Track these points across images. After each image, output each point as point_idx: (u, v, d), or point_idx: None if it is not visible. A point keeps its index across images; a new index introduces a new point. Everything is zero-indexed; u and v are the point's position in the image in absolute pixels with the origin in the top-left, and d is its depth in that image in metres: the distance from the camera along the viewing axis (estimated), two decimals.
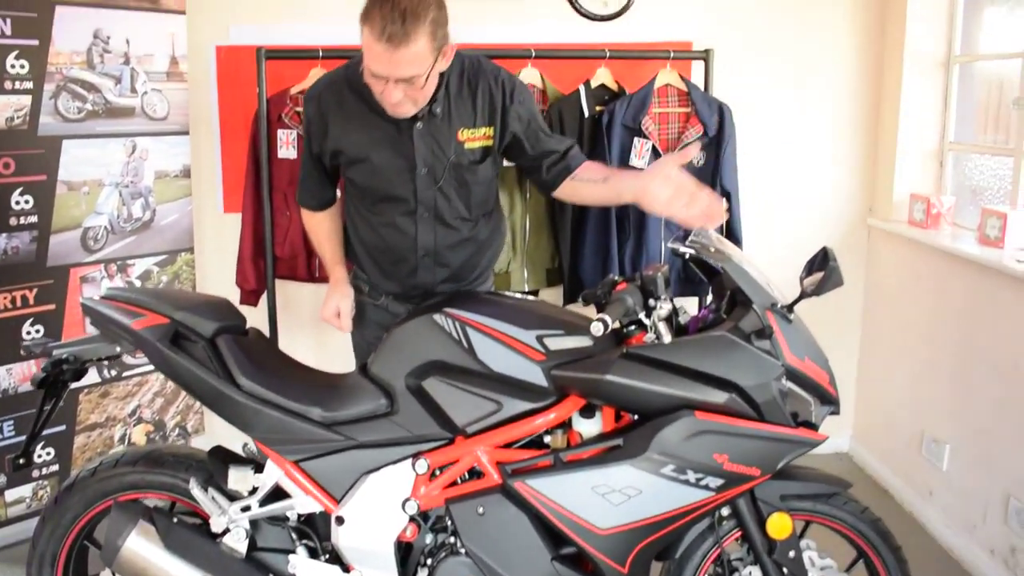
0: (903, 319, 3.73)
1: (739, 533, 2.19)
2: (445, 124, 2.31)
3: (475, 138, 2.33)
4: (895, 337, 3.80)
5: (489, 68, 2.36)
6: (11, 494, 3.27)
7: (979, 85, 3.73)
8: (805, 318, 2.16)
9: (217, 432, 3.44)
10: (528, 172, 2.53)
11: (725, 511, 2.17)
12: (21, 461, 2.34)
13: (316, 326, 3.90)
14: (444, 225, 2.38)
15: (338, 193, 2.62)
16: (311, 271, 3.60)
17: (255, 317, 3.02)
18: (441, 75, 2.25)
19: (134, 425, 3.56)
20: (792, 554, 2.15)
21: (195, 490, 2.17)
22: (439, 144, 2.30)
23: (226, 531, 2.16)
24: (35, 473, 3.32)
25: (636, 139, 3.45)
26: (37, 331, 3.25)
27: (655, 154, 3.46)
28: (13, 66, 3.11)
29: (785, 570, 2.16)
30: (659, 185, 2.11)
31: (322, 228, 2.64)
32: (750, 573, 2.21)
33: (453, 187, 2.35)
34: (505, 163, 2.58)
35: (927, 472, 3.51)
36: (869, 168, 4.00)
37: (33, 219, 3.22)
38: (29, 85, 3.15)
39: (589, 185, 2.40)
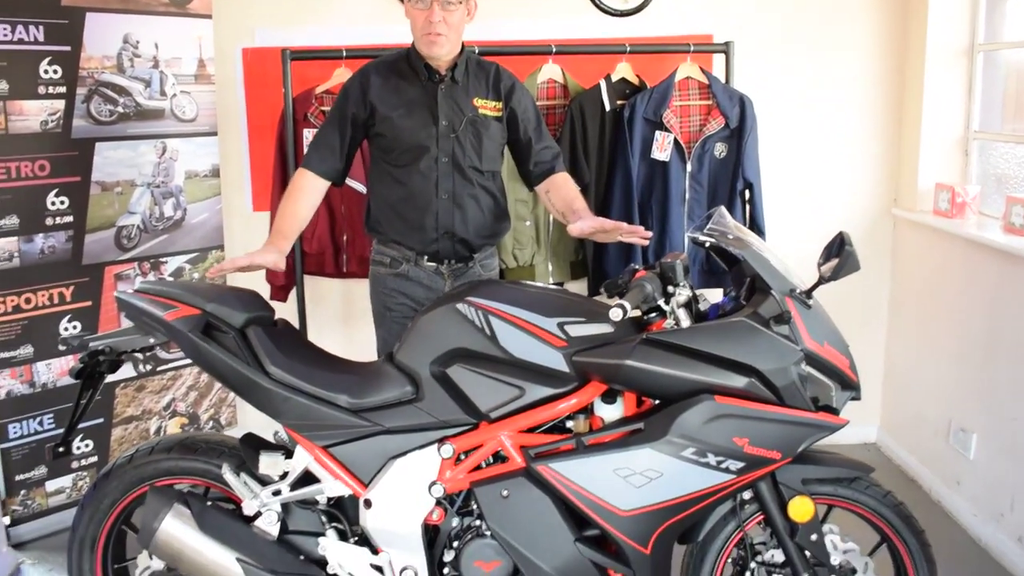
0: (929, 309, 3.72)
1: (761, 517, 2.22)
2: (463, 91, 2.77)
3: (487, 107, 2.80)
4: (921, 327, 3.80)
5: (498, 65, 2.89)
6: (52, 484, 3.36)
7: (1003, 73, 3.71)
8: (831, 310, 2.18)
9: (250, 425, 3.50)
10: (519, 161, 2.92)
11: (747, 495, 2.20)
12: (60, 450, 2.41)
13: (345, 321, 3.97)
14: (461, 174, 2.76)
15: (327, 186, 2.79)
16: (339, 266, 3.67)
17: (284, 312, 3.07)
18: (462, 54, 2.77)
19: (169, 418, 3.65)
20: (814, 537, 2.17)
21: (228, 475, 2.23)
22: (458, 105, 2.76)
23: (258, 515, 2.21)
24: (74, 464, 3.41)
25: (658, 132, 3.48)
26: (74, 327, 3.34)
27: (677, 147, 3.49)
28: (46, 71, 3.20)
29: (807, 553, 2.18)
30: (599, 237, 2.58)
31: (304, 201, 2.73)
32: (772, 556, 2.24)
33: (469, 138, 2.76)
34: None
35: (954, 461, 3.51)
36: (893, 158, 4.00)
37: (68, 219, 3.31)
38: (62, 89, 3.25)
39: (560, 201, 2.80)
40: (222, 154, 3.78)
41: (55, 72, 3.22)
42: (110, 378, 3.25)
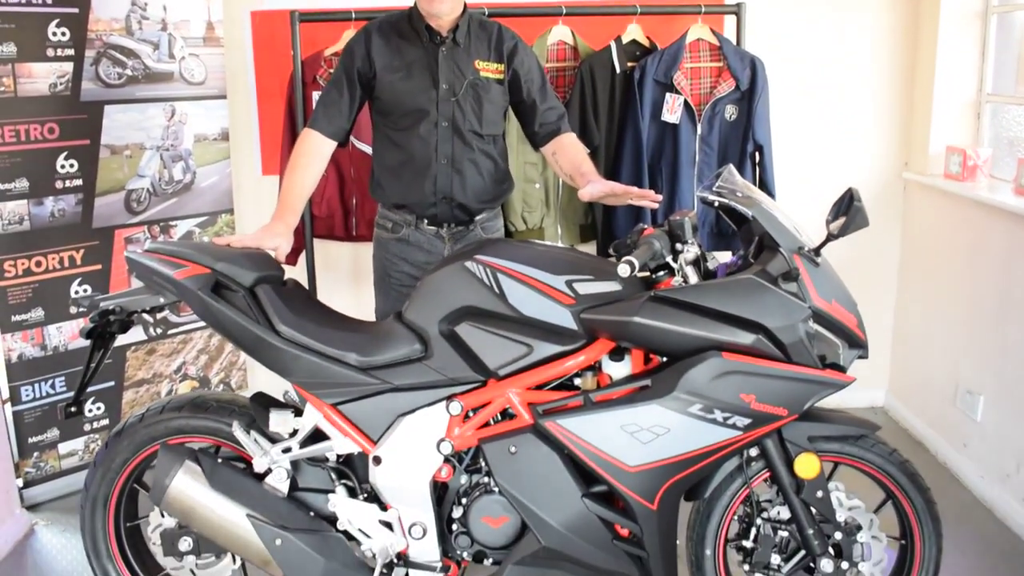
0: (939, 273, 3.71)
1: (767, 474, 2.23)
2: (465, 54, 2.74)
3: (489, 69, 2.76)
4: (931, 291, 3.79)
5: (501, 25, 2.85)
6: (64, 447, 3.40)
7: (1018, 36, 3.67)
8: (841, 274, 2.18)
9: (260, 388, 3.52)
10: (524, 122, 2.88)
11: (754, 452, 2.21)
12: (72, 409, 2.43)
13: (354, 284, 3.98)
14: (461, 138, 2.74)
15: (333, 147, 2.75)
16: (348, 230, 3.68)
17: (294, 276, 3.09)
18: (464, 15, 2.73)
19: (180, 381, 3.67)
20: (820, 494, 2.18)
21: (238, 432, 2.24)
22: (459, 67, 2.72)
23: (268, 472, 2.23)
24: (86, 427, 3.45)
25: (668, 94, 3.47)
26: (84, 290, 3.36)
27: (687, 109, 3.47)
28: (55, 34, 3.20)
29: (813, 510, 2.20)
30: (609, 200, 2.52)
31: (311, 168, 2.69)
32: (778, 513, 2.25)
33: (469, 102, 2.73)
34: None
35: (962, 424, 3.51)
36: (905, 121, 3.97)
37: (78, 182, 3.32)
38: (71, 52, 3.25)
39: (567, 163, 2.75)
40: (231, 117, 3.78)
41: (63, 34, 3.22)
42: (121, 341, 3.29)
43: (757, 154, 3.53)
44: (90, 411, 3.44)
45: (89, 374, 2.38)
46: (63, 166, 3.28)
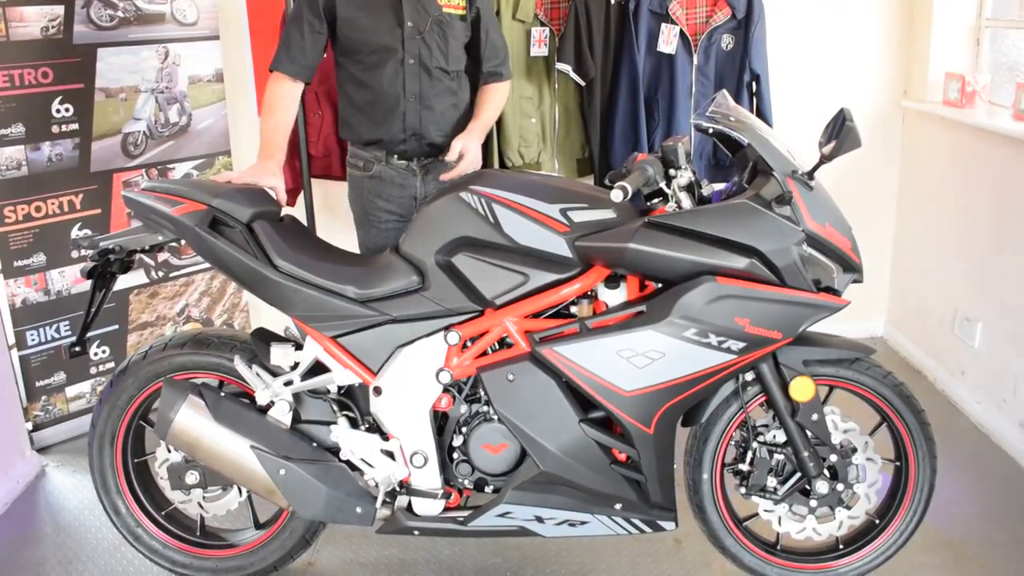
0: (938, 201, 3.71)
1: (763, 398, 2.26)
2: None
3: (451, 5, 2.75)
4: (930, 219, 3.79)
5: None
6: (71, 390, 3.44)
7: None
8: (840, 203, 2.18)
9: None
10: (474, 58, 2.87)
11: (749, 376, 2.24)
12: (76, 349, 2.45)
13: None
14: (428, 75, 2.74)
15: (301, 87, 2.79)
16: (345, 168, 3.66)
17: (293, 216, 3.09)
18: None
19: (183, 324, 3.70)
20: (815, 417, 2.21)
21: (240, 366, 2.27)
22: (423, 6, 2.71)
23: (271, 405, 2.27)
24: (92, 370, 3.48)
25: (663, 25, 3.44)
26: (85, 235, 3.36)
27: (683, 39, 3.44)
28: None
29: (808, 433, 2.23)
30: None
31: (288, 111, 2.74)
32: (774, 436, 2.28)
33: (435, 39, 2.73)
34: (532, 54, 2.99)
35: (959, 351, 3.54)
36: (904, 49, 3.93)
37: (74, 126, 3.31)
38: None
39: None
40: (225, 58, 3.74)
41: None
42: (123, 284, 3.31)
43: (754, 84, 3.51)
44: (95, 354, 3.48)
45: (91, 315, 2.40)
46: (58, 110, 3.26)
